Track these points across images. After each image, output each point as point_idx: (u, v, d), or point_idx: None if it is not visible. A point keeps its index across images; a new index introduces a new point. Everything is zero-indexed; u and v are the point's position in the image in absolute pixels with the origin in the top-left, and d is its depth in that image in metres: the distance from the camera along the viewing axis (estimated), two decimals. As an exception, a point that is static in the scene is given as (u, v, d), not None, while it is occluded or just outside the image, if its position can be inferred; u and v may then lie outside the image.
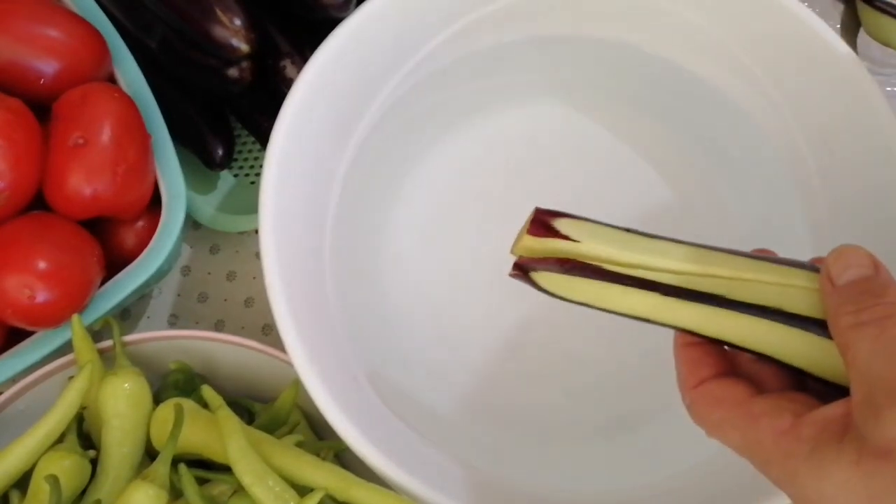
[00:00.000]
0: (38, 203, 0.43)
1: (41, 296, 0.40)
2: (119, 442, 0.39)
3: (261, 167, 0.39)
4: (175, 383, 0.43)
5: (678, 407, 0.44)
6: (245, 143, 0.56)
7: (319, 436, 0.45)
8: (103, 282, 0.44)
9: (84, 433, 0.42)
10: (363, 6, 0.40)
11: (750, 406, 0.27)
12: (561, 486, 0.42)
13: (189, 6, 0.46)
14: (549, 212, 0.30)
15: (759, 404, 0.27)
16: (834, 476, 0.24)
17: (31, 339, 0.44)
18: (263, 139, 0.51)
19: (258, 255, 0.37)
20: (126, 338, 0.42)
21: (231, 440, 0.37)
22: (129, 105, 0.44)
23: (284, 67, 0.48)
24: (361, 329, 0.44)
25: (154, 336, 0.42)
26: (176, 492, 0.37)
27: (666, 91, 0.47)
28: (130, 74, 0.47)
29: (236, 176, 0.56)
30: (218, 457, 0.39)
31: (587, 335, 0.46)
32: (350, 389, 0.40)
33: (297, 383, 0.41)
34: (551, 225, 0.29)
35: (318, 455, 0.39)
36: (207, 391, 0.39)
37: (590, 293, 0.29)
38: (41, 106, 0.43)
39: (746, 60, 0.42)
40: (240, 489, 0.37)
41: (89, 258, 0.43)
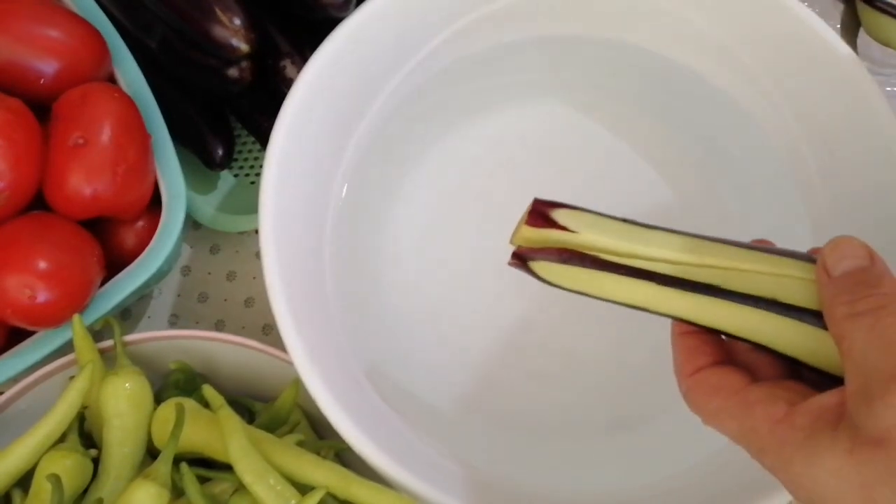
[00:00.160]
0: (39, 203, 0.43)
1: (42, 296, 0.40)
2: (120, 441, 0.39)
3: (261, 167, 0.39)
4: (176, 383, 0.43)
5: (678, 407, 0.44)
6: (245, 143, 0.56)
7: (320, 435, 0.45)
8: (104, 282, 0.44)
9: (85, 432, 0.42)
10: (363, 6, 0.40)
11: (745, 394, 0.27)
12: (561, 486, 0.42)
13: (189, 6, 0.46)
14: (548, 202, 0.30)
15: (755, 392, 0.27)
16: (827, 464, 0.24)
17: (32, 339, 0.44)
18: (263, 139, 0.51)
19: (258, 255, 0.37)
20: (127, 337, 0.42)
21: (232, 439, 0.37)
22: (129, 105, 0.44)
23: (284, 67, 0.48)
24: (361, 329, 0.44)
25: (155, 336, 0.42)
26: (177, 491, 0.37)
27: (666, 91, 0.47)
28: (130, 74, 0.47)
29: (236, 176, 0.56)
30: (219, 456, 0.39)
31: (587, 335, 0.46)
32: (350, 389, 0.40)
33: (298, 383, 0.41)
34: (549, 215, 0.30)
35: (319, 454, 0.39)
36: (208, 391, 0.39)
37: (587, 282, 0.30)
38: (41, 106, 0.43)
39: (747, 60, 0.42)
40: (241, 488, 0.37)
41: (90, 258, 0.43)
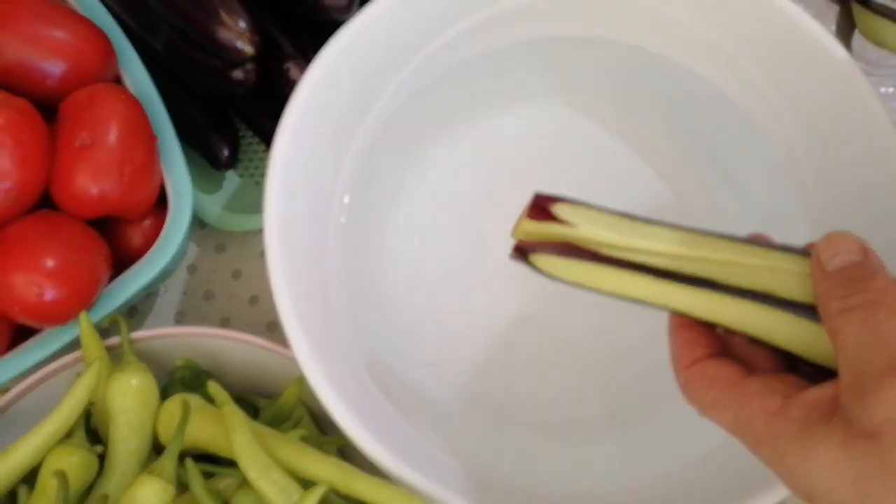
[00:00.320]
0: (46, 202, 0.43)
1: (49, 294, 0.41)
2: (126, 437, 0.39)
3: (266, 167, 0.39)
4: (182, 379, 0.43)
5: (676, 402, 0.45)
6: (250, 144, 0.57)
7: (323, 430, 0.46)
8: (110, 280, 0.45)
9: (91, 429, 0.42)
10: (365, 9, 0.41)
11: (741, 386, 0.28)
12: (560, 481, 0.42)
13: (193, 8, 0.46)
14: (548, 197, 0.30)
15: (750, 385, 0.28)
16: (821, 457, 0.24)
17: (40, 337, 0.44)
18: (268, 140, 0.51)
19: (263, 254, 0.38)
20: (133, 335, 0.42)
21: (236, 435, 0.37)
22: (136, 106, 0.45)
23: (288, 70, 0.48)
24: (364, 327, 0.44)
25: (161, 333, 0.43)
26: (182, 486, 0.38)
27: (666, 92, 0.47)
28: (137, 76, 0.48)
29: (242, 176, 0.56)
30: (224, 451, 0.39)
31: (586, 331, 0.47)
32: (353, 385, 0.40)
33: (302, 379, 0.41)
34: (549, 209, 0.30)
35: (322, 449, 0.40)
36: (213, 387, 0.40)
37: (585, 275, 0.30)
38: (48, 106, 0.44)
39: (743, 62, 0.42)
40: (245, 483, 0.38)
41: (97, 257, 0.43)
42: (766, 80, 0.42)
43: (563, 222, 0.30)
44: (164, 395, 0.41)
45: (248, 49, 0.46)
